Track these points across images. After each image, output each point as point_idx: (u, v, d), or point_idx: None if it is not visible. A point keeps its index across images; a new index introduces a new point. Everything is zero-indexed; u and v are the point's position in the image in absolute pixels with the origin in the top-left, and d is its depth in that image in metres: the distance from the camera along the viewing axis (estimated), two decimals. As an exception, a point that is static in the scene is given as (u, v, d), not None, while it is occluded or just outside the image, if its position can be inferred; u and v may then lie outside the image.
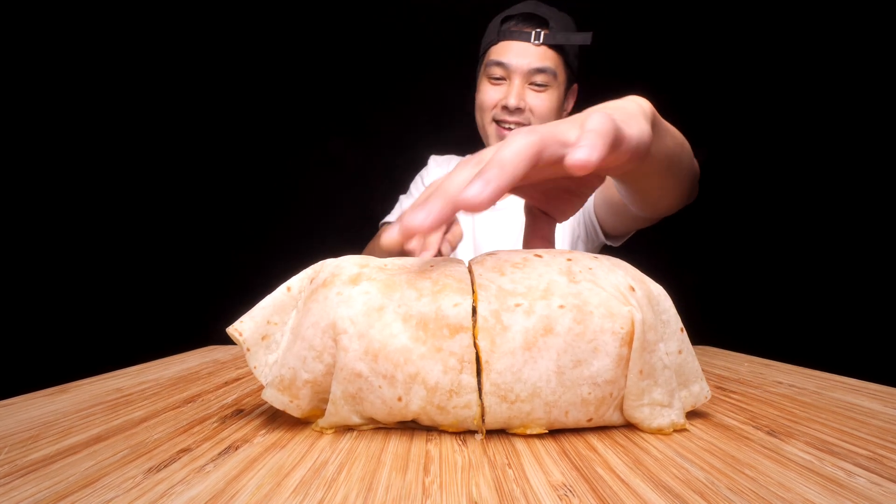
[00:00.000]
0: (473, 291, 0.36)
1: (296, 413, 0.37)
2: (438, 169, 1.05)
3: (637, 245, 1.13)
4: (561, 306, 0.34)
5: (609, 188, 0.81)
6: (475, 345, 0.34)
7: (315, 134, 1.57)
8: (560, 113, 0.89)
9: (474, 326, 0.34)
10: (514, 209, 0.91)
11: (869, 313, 1.42)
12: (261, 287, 0.60)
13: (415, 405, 0.34)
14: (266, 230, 1.55)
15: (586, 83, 0.98)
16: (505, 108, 0.83)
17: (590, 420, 0.35)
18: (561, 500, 0.25)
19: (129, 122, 1.51)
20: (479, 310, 0.34)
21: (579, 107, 1.36)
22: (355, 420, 0.36)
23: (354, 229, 1.46)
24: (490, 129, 0.88)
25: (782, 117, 1.50)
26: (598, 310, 0.34)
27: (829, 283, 1.46)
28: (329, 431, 0.36)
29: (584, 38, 0.81)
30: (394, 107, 1.57)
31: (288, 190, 1.57)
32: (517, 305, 0.34)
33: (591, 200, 0.92)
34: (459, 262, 0.40)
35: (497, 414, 0.34)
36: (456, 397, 0.34)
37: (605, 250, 1.05)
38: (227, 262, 1.54)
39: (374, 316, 0.34)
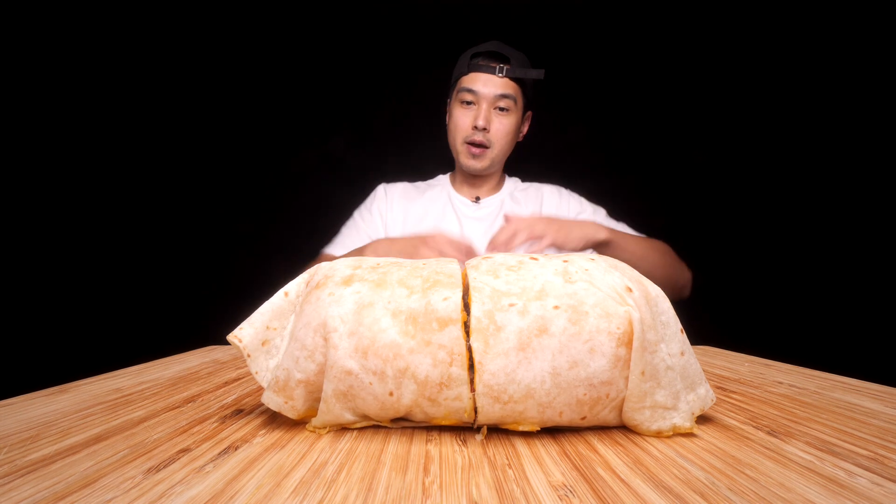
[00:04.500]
0: (467, 290, 0.36)
1: (291, 414, 0.37)
2: (387, 198, 1.13)
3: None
4: (556, 307, 0.34)
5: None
6: (468, 346, 0.34)
7: (315, 134, 1.57)
8: (516, 134, 1.06)
9: (467, 322, 0.34)
10: (492, 207, 1.10)
11: (869, 313, 1.41)
12: (261, 287, 0.60)
13: (406, 399, 0.34)
14: (266, 230, 1.55)
15: (542, 111, 1.14)
16: (475, 127, 1.00)
17: (583, 419, 0.35)
18: (561, 500, 0.25)
19: (129, 123, 1.51)
20: (472, 311, 0.34)
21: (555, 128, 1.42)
22: (348, 417, 0.36)
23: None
24: (461, 149, 1.03)
25: (782, 119, 1.50)
26: (594, 310, 0.34)
27: (829, 283, 1.46)
28: (323, 431, 0.36)
29: (538, 73, 0.99)
30: (394, 107, 1.57)
31: (288, 190, 1.56)
32: (511, 305, 0.34)
33: None
34: (452, 260, 0.41)
35: (490, 413, 0.34)
36: (446, 390, 0.34)
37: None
38: (226, 262, 1.54)
39: (364, 313, 0.34)
